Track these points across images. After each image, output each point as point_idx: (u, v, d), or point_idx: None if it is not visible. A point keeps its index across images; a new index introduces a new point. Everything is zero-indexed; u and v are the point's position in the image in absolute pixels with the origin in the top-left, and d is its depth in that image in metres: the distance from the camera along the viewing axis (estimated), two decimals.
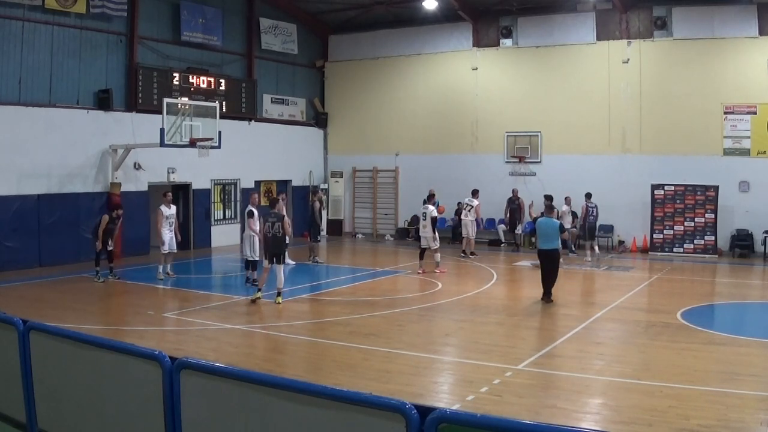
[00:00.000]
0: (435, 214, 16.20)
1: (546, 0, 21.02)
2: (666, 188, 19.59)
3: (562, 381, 7.88)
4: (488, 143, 22.39)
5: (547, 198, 15.80)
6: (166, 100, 17.06)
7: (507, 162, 22.08)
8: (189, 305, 12.42)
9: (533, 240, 14.46)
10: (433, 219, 16.07)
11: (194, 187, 20.59)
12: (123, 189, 18.06)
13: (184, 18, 20.11)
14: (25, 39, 16.35)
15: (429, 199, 16.83)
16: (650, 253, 19.58)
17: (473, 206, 19.03)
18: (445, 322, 11.08)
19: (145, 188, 19.02)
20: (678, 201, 19.46)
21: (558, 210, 17.91)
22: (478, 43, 22.67)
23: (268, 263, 12.33)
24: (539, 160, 21.66)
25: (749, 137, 18.88)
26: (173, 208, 15.42)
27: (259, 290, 12.47)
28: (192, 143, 17.29)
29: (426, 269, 15.98)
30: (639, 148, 20.23)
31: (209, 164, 19.51)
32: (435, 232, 16.13)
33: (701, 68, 19.30)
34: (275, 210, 12.69)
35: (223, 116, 18.95)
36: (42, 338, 5.03)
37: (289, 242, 13.48)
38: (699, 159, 19.30)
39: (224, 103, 20.57)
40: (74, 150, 17.32)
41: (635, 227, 20.21)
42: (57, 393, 4.94)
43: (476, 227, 19.59)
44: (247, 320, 11.14)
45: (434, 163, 23.06)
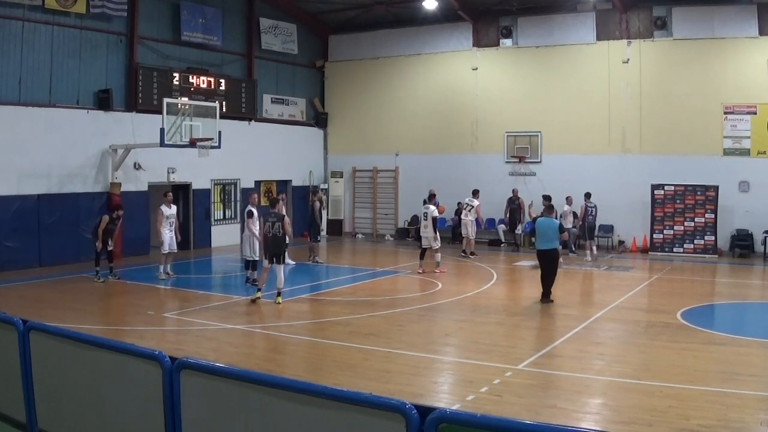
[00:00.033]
0: (436, 214, 16.20)
1: (546, 0, 21.02)
2: (666, 188, 19.59)
3: (562, 381, 7.88)
4: (488, 143, 22.39)
5: (546, 198, 15.82)
6: (166, 100, 17.07)
7: (507, 162, 22.09)
8: (189, 305, 12.42)
9: (533, 240, 14.45)
10: (434, 219, 16.08)
11: (194, 187, 20.59)
12: (123, 189, 18.07)
13: (184, 18, 20.12)
14: (25, 39, 16.35)
15: (430, 199, 16.83)
16: (650, 253, 19.58)
17: (473, 206, 19.03)
18: (445, 322, 11.09)
19: (145, 188, 19.02)
20: (678, 201, 19.46)
21: (560, 210, 17.99)
22: (478, 43, 22.67)
23: (268, 263, 12.34)
24: (539, 160, 21.66)
25: (749, 137, 18.89)
26: (174, 208, 15.44)
27: (259, 290, 12.47)
28: (192, 143, 17.29)
29: (426, 269, 15.98)
30: (639, 148, 20.23)
31: (209, 164, 19.51)
32: (436, 232, 16.14)
33: (701, 68, 19.30)
34: (275, 210, 12.71)
35: (223, 116, 18.95)
36: (42, 338, 5.03)
37: (290, 242, 13.49)
38: (699, 159, 19.31)
39: (224, 103, 20.57)
40: (74, 150, 17.33)
41: (635, 227, 20.22)
42: (57, 393, 4.94)
43: (476, 227, 19.62)
44: (247, 320, 11.14)
45: (434, 163, 23.06)
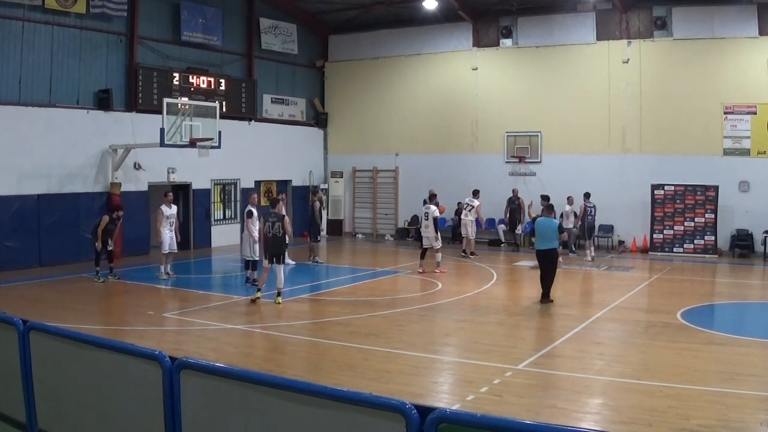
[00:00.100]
0: (437, 214, 16.20)
1: (546, 0, 21.02)
2: (666, 188, 19.59)
3: (562, 381, 7.88)
4: (488, 143, 22.39)
5: (544, 198, 15.83)
6: (166, 100, 17.06)
7: (507, 162, 22.08)
8: (189, 305, 12.42)
9: (533, 240, 14.47)
10: (435, 219, 16.08)
11: (194, 187, 20.59)
12: (123, 189, 18.07)
13: (184, 18, 20.12)
14: (25, 39, 16.35)
15: (431, 199, 16.82)
16: (650, 253, 19.58)
17: (474, 206, 19.03)
18: (445, 322, 11.08)
19: (145, 188, 19.02)
20: (678, 201, 19.46)
21: (562, 210, 18.01)
22: (478, 43, 22.67)
23: (268, 263, 12.34)
24: (539, 160, 21.66)
25: (749, 137, 18.89)
26: (174, 208, 15.43)
27: (259, 290, 12.47)
28: (192, 143, 17.29)
29: (426, 269, 15.98)
30: (639, 148, 20.23)
31: (209, 164, 19.52)
32: (437, 232, 16.15)
33: (701, 68, 19.30)
34: (275, 210, 12.71)
35: (223, 116, 18.95)
36: (42, 338, 5.03)
37: (290, 242, 13.49)
38: (699, 159, 19.31)
39: (224, 103, 20.57)
40: (74, 150, 17.33)
41: (635, 227, 20.22)
42: (57, 393, 4.94)
43: (476, 227, 19.62)
44: (247, 320, 11.14)
45: (434, 163, 23.06)
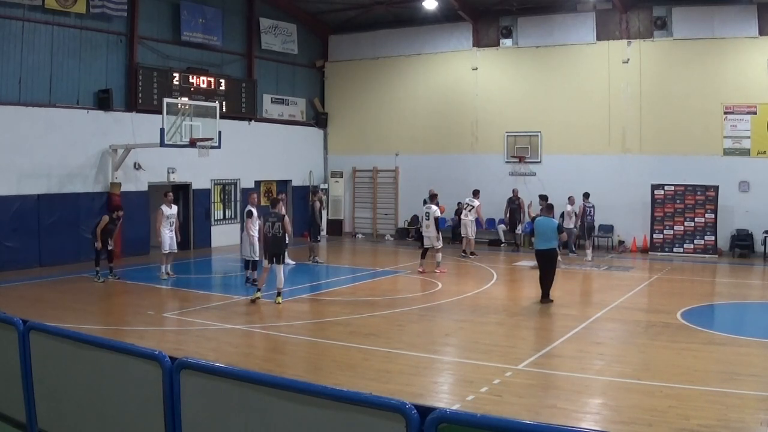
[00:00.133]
0: (438, 214, 16.20)
1: (546, 0, 21.02)
2: (666, 188, 19.59)
3: (562, 381, 7.88)
4: (488, 143, 22.39)
5: (543, 198, 15.83)
6: (166, 100, 17.06)
7: (507, 162, 22.08)
8: (189, 305, 12.42)
9: (533, 240, 14.48)
10: (436, 219, 16.09)
11: (194, 187, 20.59)
12: (123, 189, 18.07)
13: (184, 18, 20.11)
14: (25, 39, 16.35)
15: (431, 199, 16.80)
16: (650, 253, 19.58)
17: (474, 206, 19.02)
18: (445, 322, 11.08)
19: (145, 188, 19.02)
20: (678, 201, 19.46)
21: (563, 210, 18.04)
22: (478, 43, 22.67)
23: (268, 263, 12.34)
24: (539, 160, 21.66)
25: (749, 137, 18.89)
26: (174, 208, 15.43)
27: (259, 290, 12.47)
28: (192, 143, 17.29)
29: (426, 269, 15.98)
30: (639, 148, 20.23)
31: (209, 164, 19.52)
32: (438, 232, 16.15)
33: (701, 68, 19.30)
34: (275, 210, 12.71)
35: (223, 116, 18.95)
36: (42, 338, 5.03)
37: (290, 242, 13.49)
38: (699, 159, 19.30)
39: (224, 103, 20.57)
40: (74, 150, 17.32)
41: (635, 227, 20.21)
42: (57, 393, 4.94)
43: (476, 227, 19.62)
44: (247, 320, 11.14)
45: (434, 163, 23.06)
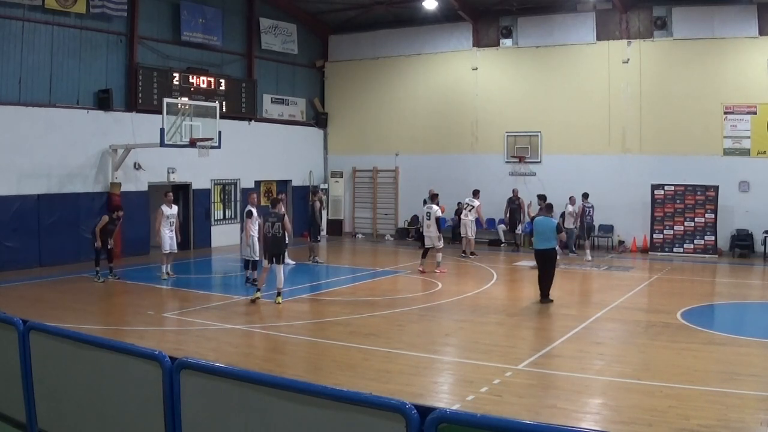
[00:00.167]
0: (440, 214, 16.21)
1: (546, 0, 21.02)
2: (666, 188, 19.59)
3: (562, 381, 7.88)
4: (488, 143, 22.39)
5: (541, 198, 15.83)
6: (166, 100, 17.06)
7: (507, 162, 22.08)
8: (189, 305, 12.42)
9: (532, 240, 14.53)
10: (437, 219, 16.09)
11: (194, 187, 20.59)
12: (123, 189, 18.07)
13: (184, 18, 20.11)
14: (25, 39, 16.35)
15: (432, 199, 16.80)
16: (650, 253, 19.58)
17: (474, 206, 19.02)
18: (445, 322, 11.08)
19: (145, 188, 19.02)
20: (678, 201, 19.46)
21: (564, 210, 18.05)
22: (478, 43, 22.67)
23: (268, 263, 12.34)
24: (539, 160, 21.66)
25: (749, 137, 18.89)
26: (174, 208, 15.42)
27: (259, 290, 12.47)
28: (192, 143, 17.29)
29: (426, 269, 15.97)
30: (639, 148, 20.23)
31: (209, 164, 19.51)
32: (440, 232, 16.15)
33: (701, 68, 19.30)
34: (275, 210, 12.70)
35: (223, 116, 18.95)
36: (42, 338, 5.03)
37: (289, 242, 13.48)
38: (699, 159, 19.31)
39: (224, 103, 20.57)
40: (74, 150, 17.32)
41: (635, 227, 20.21)
42: (57, 393, 4.94)
43: (476, 227, 19.61)
44: (247, 320, 11.14)
45: (434, 163, 23.06)
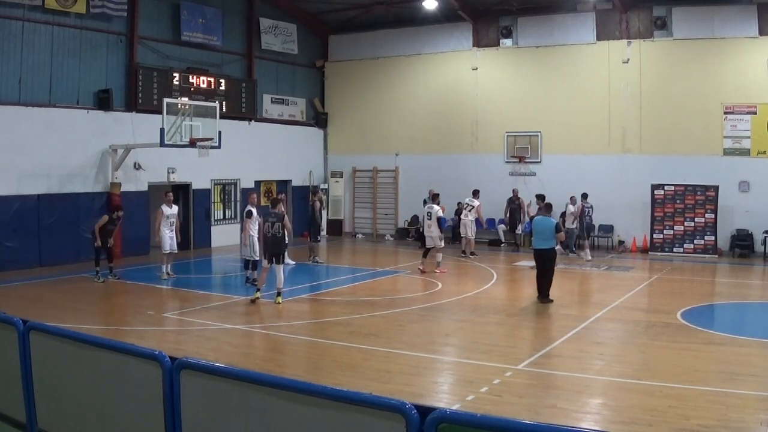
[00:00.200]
0: (440, 214, 16.21)
1: (546, 0, 21.02)
2: (666, 188, 19.59)
3: (562, 381, 7.88)
4: (488, 143, 22.39)
5: (540, 198, 15.83)
6: (166, 100, 17.06)
7: (507, 162, 22.08)
8: (189, 305, 12.42)
9: (532, 240, 14.56)
10: (438, 219, 16.09)
11: (194, 187, 20.59)
12: (123, 189, 18.07)
13: (184, 18, 20.11)
14: (25, 39, 16.35)
15: (433, 199, 16.80)
16: (650, 253, 19.58)
17: (474, 206, 19.02)
18: (445, 322, 11.08)
19: (145, 188, 19.02)
20: (678, 201, 19.46)
21: (564, 210, 18.05)
22: (478, 43, 22.67)
23: (268, 263, 12.34)
24: (539, 160, 21.66)
25: (749, 137, 18.89)
26: (175, 208, 15.42)
27: (259, 290, 12.47)
28: (192, 143, 17.29)
29: (426, 269, 15.97)
30: (639, 148, 20.23)
31: (209, 164, 19.51)
32: (441, 232, 16.15)
33: (701, 68, 19.30)
34: (275, 210, 12.70)
35: (223, 116, 18.94)
36: (42, 338, 5.03)
37: (289, 242, 13.48)
38: (699, 159, 19.31)
39: (224, 103, 20.57)
40: (74, 150, 17.32)
41: (635, 227, 20.21)
42: (57, 393, 4.94)
43: (476, 227, 19.61)
44: (247, 320, 11.13)
45: (434, 163, 23.06)
